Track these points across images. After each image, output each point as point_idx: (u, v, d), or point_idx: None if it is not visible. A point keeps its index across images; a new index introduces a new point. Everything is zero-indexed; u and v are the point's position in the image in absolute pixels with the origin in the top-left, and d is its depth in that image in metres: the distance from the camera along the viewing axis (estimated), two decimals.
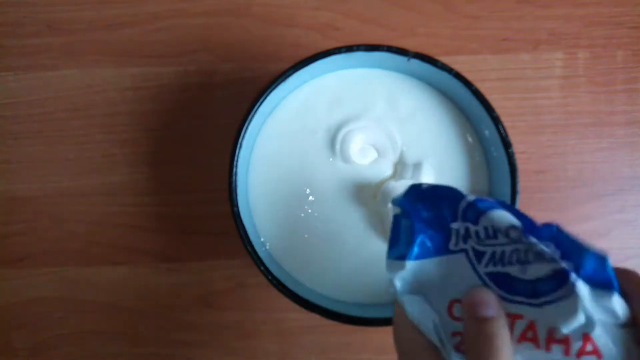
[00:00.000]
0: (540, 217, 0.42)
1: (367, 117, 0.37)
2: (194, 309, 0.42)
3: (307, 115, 0.37)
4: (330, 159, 0.37)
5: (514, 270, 0.23)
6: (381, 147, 0.37)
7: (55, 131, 0.43)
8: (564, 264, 0.21)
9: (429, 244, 0.25)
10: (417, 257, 0.25)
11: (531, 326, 0.22)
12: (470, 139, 0.37)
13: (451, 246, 0.25)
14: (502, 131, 0.34)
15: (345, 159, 0.36)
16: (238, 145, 0.34)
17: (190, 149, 0.43)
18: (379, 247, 0.36)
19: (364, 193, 0.36)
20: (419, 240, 0.25)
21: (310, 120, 0.37)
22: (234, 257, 0.42)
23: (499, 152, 0.35)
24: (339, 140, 0.36)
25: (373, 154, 0.37)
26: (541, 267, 0.22)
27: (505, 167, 0.34)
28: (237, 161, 0.34)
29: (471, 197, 0.24)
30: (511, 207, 0.23)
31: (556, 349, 0.21)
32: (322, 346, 0.43)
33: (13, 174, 0.43)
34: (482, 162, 0.37)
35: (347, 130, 0.36)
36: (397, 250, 0.25)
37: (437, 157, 0.37)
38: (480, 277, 0.24)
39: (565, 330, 0.21)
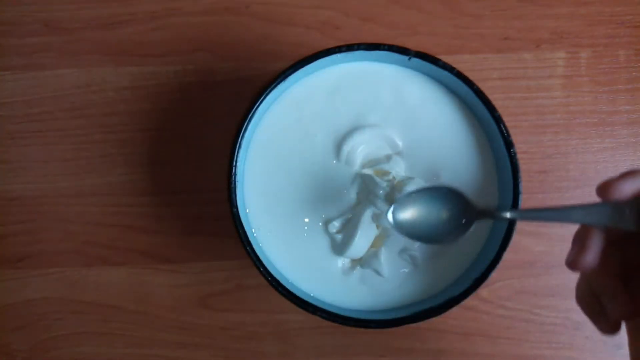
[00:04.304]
0: None
1: (369, 115, 0.36)
2: (193, 310, 0.42)
3: (308, 113, 0.36)
4: (331, 158, 0.36)
5: None
6: (382, 149, 0.36)
7: (53, 131, 0.42)
8: None
9: None
10: None
11: None
12: (476, 137, 0.36)
13: None
14: (504, 131, 0.34)
15: (347, 160, 0.36)
16: (237, 146, 0.33)
17: (189, 149, 0.42)
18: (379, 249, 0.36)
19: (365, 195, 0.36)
20: None
21: (311, 118, 0.36)
22: (233, 258, 0.42)
23: (501, 151, 0.34)
24: (341, 141, 0.36)
25: (375, 155, 0.36)
26: None
27: (508, 167, 0.34)
28: (236, 162, 0.33)
29: None
30: None
31: None
32: (321, 348, 0.42)
33: (11, 174, 0.42)
34: (490, 161, 0.36)
35: (350, 131, 0.36)
36: None
37: (443, 157, 0.36)
38: None
39: None
